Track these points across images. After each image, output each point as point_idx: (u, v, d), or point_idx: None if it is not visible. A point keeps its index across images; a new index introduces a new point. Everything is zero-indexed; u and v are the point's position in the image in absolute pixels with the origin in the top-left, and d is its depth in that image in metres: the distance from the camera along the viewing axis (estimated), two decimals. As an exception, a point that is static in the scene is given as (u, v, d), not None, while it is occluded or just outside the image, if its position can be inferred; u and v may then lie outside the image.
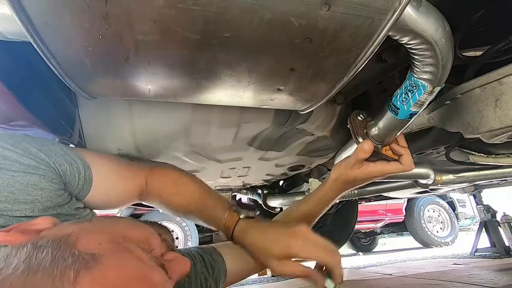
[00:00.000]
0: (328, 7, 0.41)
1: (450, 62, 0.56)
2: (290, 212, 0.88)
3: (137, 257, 0.39)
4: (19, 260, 0.34)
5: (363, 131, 0.75)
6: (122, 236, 0.42)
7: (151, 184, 0.78)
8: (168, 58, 0.50)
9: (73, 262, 0.34)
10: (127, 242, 0.41)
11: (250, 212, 0.77)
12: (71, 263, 0.34)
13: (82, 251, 0.36)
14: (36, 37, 0.43)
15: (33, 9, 0.39)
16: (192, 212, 0.79)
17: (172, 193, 0.79)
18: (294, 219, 0.85)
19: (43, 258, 0.34)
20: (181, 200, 0.79)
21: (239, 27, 0.43)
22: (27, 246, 0.36)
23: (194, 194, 0.79)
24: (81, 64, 0.49)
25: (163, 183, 0.80)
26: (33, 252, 0.35)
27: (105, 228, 0.44)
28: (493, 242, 3.06)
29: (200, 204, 0.78)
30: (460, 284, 1.76)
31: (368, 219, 5.60)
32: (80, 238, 0.38)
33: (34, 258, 0.34)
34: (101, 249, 0.37)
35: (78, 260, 0.35)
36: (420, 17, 0.49)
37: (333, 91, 0.61)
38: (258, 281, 2.71)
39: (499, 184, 1.96)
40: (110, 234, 0.41)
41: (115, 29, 0.42)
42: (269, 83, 0.58)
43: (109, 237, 0.40)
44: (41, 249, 0.35)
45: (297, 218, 0.85)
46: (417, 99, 0.62)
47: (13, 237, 0.39)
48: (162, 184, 0.80)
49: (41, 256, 0.34)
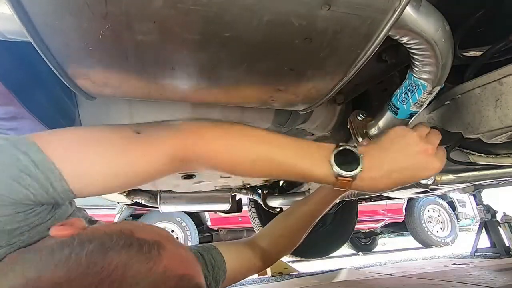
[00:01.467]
0: (328, 7, 0.41)
1: (449, 62, 0.56)
2: (290, 212, 0.88)
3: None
4: (112, 242, 0.40)
5: (363, 131, 0.75)
6: (159, 232, 0.48)
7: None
8: (168, 58, 0.50)
9: (151, 244, 0.42)
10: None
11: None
12: (151, 243, 0.42)
13: (147, 239, 0.42)
14: (36, 37, 0.43)
15: (33, 9, 0.39)
16: None
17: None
18: (294, 221, 0.85)
19: (123, 243, 0.40)
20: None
21: (239, 28, 0.43)
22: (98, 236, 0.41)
23: None
24: (81, 64, 0.49)
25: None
26: (111, 238, 0.41)
27: (138, 225, 0.48)
28: (493, 242, 3.05)
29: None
30: (460, 284, 1.76)
31: (368, 219, 5.60)
32: (134, 231, 0.44)
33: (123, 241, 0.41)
34: (157, 238, 0.44)
35: (152, 243, 0.42)
36: (420, 17, 0.49)
37: (333, 91, 0.61)
38: (258, 281, 2.71)
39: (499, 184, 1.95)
40: (150, 230, 0.47)
41: (115, 29, 0.42)
42: (269, 83, 0.58)
43: (152, 231, 0.46)
44: (112, 237, 0.41)
45: (298, 218, 0.85)
46: (417, 98, 0.62)
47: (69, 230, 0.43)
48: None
49: (121, 241, 0.41)
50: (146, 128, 0.51)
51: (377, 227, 6.04)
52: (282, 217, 0.89)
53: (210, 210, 2.18)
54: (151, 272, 0.39)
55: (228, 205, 1.81)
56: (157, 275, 0.39)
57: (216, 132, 0.53)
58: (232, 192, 1.77)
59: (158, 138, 0.50)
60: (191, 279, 0.43)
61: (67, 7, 0.39)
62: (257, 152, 0.53)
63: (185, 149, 0.51)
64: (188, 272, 0.43)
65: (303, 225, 0.85)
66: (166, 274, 0.40)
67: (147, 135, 0.50)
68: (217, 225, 4.91)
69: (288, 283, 2.45)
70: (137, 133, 0.49)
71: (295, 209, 0.87)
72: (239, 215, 3.66)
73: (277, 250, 0.86)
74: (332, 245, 2.93)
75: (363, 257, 5.34)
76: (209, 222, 4.81)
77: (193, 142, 0.51)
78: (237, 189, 1.82)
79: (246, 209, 2.55)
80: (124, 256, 0.39)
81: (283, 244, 0.87)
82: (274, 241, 0.85)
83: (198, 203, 1.74)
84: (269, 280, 2.70)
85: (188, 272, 0.43)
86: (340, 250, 3.56)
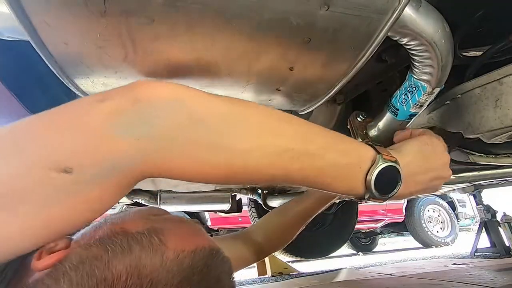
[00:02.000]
0: (327, 7, 0.41)
1: (449, 63, 0.56)
2: (287, 208, 0.88)
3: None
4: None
5: (362, 132, 0.74)
6: (149, 214, 0.46)
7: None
8: (168, 58, 0.49)
9: (147, 233, 0.40)
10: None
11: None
12: (148, 233, 0.40)
13: (141, 230, 0.40)
14: (34, 36, 0.42)
15: (31, 8, 0.39)
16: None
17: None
18: (290, 217, 0.85)
19: (120, 248, 0.37)
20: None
21: (238, 27, 0.43)
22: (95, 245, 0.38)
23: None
24: (79, 63, 0.49)
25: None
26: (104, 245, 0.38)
27: (125, 217, 0.45)
28: (493, 242, 3.05)
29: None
30: (460, 284, 1.76)
31: (368, 219, 5.59)
32: (124, 226, 0.41)
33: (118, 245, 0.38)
34: (150, 224, 0.42)
35: (148, 232, 0.40)
36: (420, 17, 0.49)
37: (333, 91, 0.61)
38: (258, 281, 2.71)
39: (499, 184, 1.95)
40: (139, 216, 0.45)
41: (113, 28, 0.42)
42: (268, 83, 0.58)
43: (142, 217, 0.45)
44: (106, 247, 0.38)
45: (294, 215, 0.85)
46: (417, 100, 0.62)
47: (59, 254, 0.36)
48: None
49: (117, 246, 0.37)
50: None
51: (377, 227, 6.04)
52: (278, 213, 0.89)
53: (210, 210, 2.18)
54: (164, 261, 0.37)
55: (228, 205, 1.81)
56: (171, 261, 0.38)
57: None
58: (232, 192, 1.77)
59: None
60: (203, 249, 0.41)
61: (66, 6, 0.39)
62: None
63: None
64: (197, 244, 0.41)
65: (298, 222, 0.85)
66: (179, 257, 0.38)
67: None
68: (217, 225, 4.91)
69: (288, 283, 2.45)
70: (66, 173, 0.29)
71: (292, 206, 0.87)
72: (239, 215, 3.66)
73: (270, 245, 0.86)
74: (332, 245, 2.93)
75: (363, 257, 5.34)
76: (209, 222, 4.81)
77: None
78: (237, 189, 1.82)
79: (246, 209, 2.55)
80: (130, 259, 0.36)
81: (277, 239, 0.87)
82: (268, 236, 0.85)
83: (198, 203, 1.74)
84: (269, 280, 2.70)
85: (197, 244, 0.41)
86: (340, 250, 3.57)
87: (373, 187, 0.42)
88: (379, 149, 0.44)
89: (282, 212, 0.88)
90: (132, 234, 0.40)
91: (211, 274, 0.40)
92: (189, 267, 0.38)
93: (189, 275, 0.38)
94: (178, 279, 0.37)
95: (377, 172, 0.42)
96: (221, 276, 0.42)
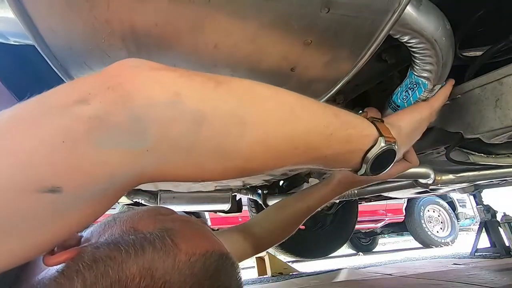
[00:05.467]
0: (328, 9, 0.41)
1: (450, 60, 0.56)
2: (286, 205, 0.87)
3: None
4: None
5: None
6: (157, 213, 0.45)
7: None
8: (170, 60, 0.50)
9: (161, 235, 0.39)
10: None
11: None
12: (161, 234, 0.39)
13: (153, 231, 0.39)
14: (40, 41, 0.43)
15: (36, 13, 0.39)
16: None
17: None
18: (289, 214, 0.85)
19: (133, 248, 0.37)
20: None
21: (239, 27, 0.43)
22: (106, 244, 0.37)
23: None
24: (84, 66, 0.49)
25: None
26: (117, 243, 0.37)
27: (134, 216, 0.44)
28: (493, 242, 3.05)
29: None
30: (460, 284, 1.76)
31: (368, 219, 5.59)
32: (135, 225, 0.41)
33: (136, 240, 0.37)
34: (162, 224, 0.41)
35: (161, 233, 0.39)
36: (421, 16, 0.49)
37: (334, 90, 0.61)
38: (258, 281, 2.71)
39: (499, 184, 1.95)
40: (148, 215, 0.44)
41: (117, 33, 0.42)
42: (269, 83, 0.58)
43: (151, 216, 0.44)
44: (119, 246, 0.37)
45: (294, 213, 0.85)
46: (418, 97, 0.62)
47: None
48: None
49: (130, 247, 0.37)
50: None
51: (377, 227, 6.04)
52: (277, 209, 0.89)
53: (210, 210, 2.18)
54: (177, 263, 0.37)
55: (228, 205, 1.81)
56: (183, 264, 0.37)
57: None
58: (232, 192, 1.77)
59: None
60: (214, 252, 0.41)
61: (70, 11, 0.39)
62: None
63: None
64: (207, 248, 0.41)
65: (297, 219, 0.85)
66: (191, 260, 0.38)
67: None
68: (217, 225, 4.90)
69: (288, 283, 2.45)
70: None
71: (291, 203, 0.87)
72: (239, 215, 3.65)
73: (269, 240, 0.87)
74: (332, 245, 2.93)
75: (363, 257, 5.33)
76: (209, 222, 4.81)
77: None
78: (237, 189, 1.82)
79: (246, 209, 2.55)
80: (143, 261, 0.36)
81: (276, 235, 0.87)
82: (267, 232, 0.86)
83: (198, 203, 1.74)
84: (269, 280, 2.69)
85: (207, 247, 0.41)
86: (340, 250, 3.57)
87: (369, 166, 0.43)
88: (380, 127, 0.44)
89: (282, 208, 0.88)
90: (144, 234, 0.39)
91: (221, 279, 0.40)
92: (200, 271, 0.38)
93: (201, 280, 0.38)
94: (190, 283, 0.37)
95: (377, 154, 0.43)
96: (232, 283, 0.42)
